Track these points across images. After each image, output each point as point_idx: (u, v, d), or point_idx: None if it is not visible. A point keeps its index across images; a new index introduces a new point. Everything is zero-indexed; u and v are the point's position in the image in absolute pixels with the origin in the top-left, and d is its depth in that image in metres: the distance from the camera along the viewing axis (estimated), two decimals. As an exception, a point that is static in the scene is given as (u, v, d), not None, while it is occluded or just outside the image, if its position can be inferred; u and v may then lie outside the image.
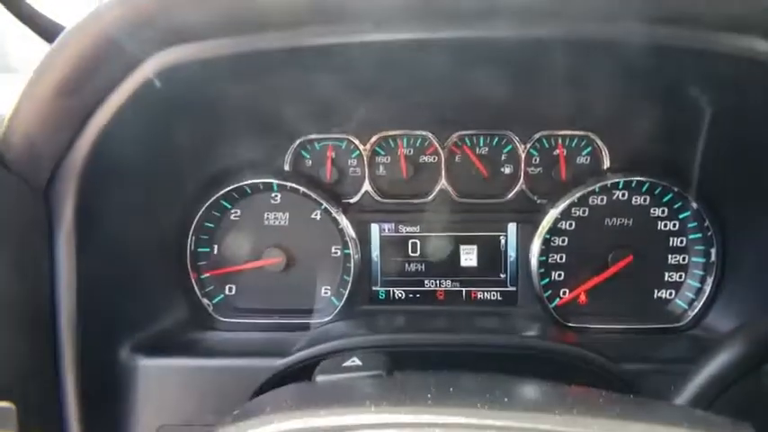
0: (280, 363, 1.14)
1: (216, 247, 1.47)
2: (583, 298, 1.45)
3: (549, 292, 1.44)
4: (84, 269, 0.99)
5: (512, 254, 1.47)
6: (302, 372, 1.10)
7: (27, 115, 0.86)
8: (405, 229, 1.49)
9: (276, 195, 1.47)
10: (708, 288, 1.39)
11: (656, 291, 1.44)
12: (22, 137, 0.88)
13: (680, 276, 1.42)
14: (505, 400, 0.67)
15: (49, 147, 0.91)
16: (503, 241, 1.47)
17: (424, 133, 1.46)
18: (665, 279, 1.43)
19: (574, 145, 1.45)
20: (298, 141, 1.46)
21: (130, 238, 1.20)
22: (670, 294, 1.43)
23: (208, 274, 1.46)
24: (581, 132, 1.44)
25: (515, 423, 0.61)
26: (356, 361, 0.82)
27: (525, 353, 1.15)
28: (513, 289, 1.48)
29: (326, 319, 1.45)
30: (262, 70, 1.01)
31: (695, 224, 1.39)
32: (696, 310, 1.40)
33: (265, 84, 1.15)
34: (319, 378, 0.80)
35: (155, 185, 1.26)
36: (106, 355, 1.13)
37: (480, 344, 1.17)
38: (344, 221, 1.44)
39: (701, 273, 1.40)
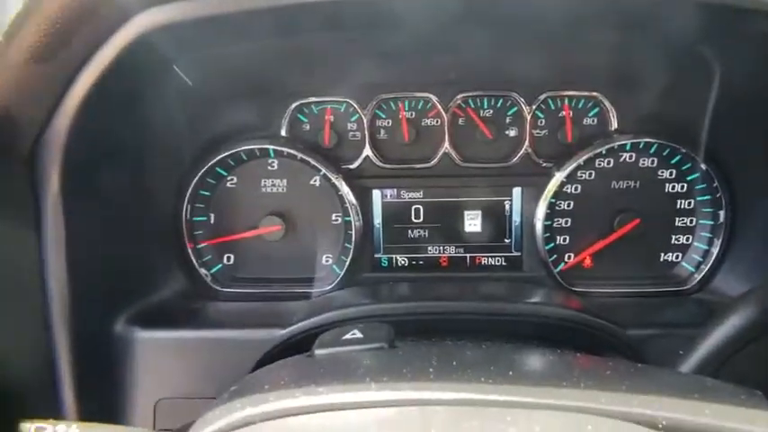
0: (280, 334, 1.12)
1: (212, 215, 1.43)
2: (588, 262, 1.43)
3: (555, 256, 1.42)
4: (73, 240, 0.96)
5: (516, 219, 1.44)
6: (304, 342, 1.08)
7: (1, 82, 0.81)
8: (407, 195, 1.45)
9: (273, 161, 1.42)
10: (715, 250, 1.37)
11: (662, 254, 1.42)
12: None
13: (687, 239, 1.40)
14: (510, 373, 0.65)
15: (27, 115, 0.86)
16: (507, 206, 1.44)
17: (426, 95, 1.41)
18: (672, 242, 1.41)
19: (581, 106, 1.40)
20: (294, 105, 1.41)
21: (123, 207, 1.16)
22: (677, 257, 1.41)
23: (205, 244, 1.43)
24: (588, 93, 1.39)
25: (520, 398, 0.59)
26: (357, 333, 0.80)
27: (530, 320, 1.13)
28: (518, 254, 1.46)
29: (328, 287, 1.42)
30: (257, 29, 0.95)
31: (704, 186, 1.36)
32: (703, 273, 1.38)
33: (260, 44, 1.09)
34: (318, 352, 0.78)
35: (146, 153, 1.21)
36: (101, 328, 1.10)
37: (484, 312, 1.15)
38: (344, 188, 1.40)
39: (709, 235, 1.38)
